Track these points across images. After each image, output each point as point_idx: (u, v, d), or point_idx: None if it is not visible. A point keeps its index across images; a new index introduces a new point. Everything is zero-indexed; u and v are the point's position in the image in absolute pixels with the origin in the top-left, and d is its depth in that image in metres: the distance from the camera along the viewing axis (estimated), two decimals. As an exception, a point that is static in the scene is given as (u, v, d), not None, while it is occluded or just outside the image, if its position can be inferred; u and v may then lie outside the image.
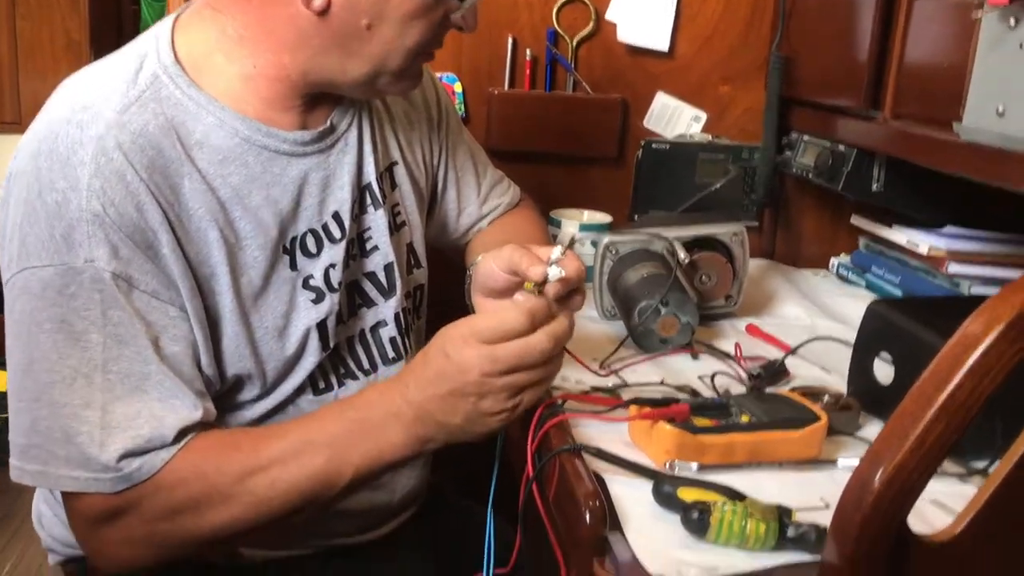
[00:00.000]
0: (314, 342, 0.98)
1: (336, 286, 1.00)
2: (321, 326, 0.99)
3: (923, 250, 1.38)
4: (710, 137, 1.61)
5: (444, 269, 1.27)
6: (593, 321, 1.29)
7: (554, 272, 0.89)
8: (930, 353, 0.95)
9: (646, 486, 0.81)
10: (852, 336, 1.25)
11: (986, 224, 1.41)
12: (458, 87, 1.56)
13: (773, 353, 1.21)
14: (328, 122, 1.00)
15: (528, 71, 1.57)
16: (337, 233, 1.01)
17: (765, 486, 0.84)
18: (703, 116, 1.62)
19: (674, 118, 1.62)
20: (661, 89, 1.62)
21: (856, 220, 1.56)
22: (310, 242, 0.99)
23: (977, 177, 1.06)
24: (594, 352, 1.16)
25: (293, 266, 0.97)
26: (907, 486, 0.60)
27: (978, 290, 1.33)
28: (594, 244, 1.41)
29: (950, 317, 1.04)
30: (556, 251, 0.92)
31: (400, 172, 1.12)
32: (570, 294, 0.93)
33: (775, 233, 1.68)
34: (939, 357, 0.61)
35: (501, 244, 1.14)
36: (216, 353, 0.93)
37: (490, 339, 0.82)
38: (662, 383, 1.06)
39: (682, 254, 1.22)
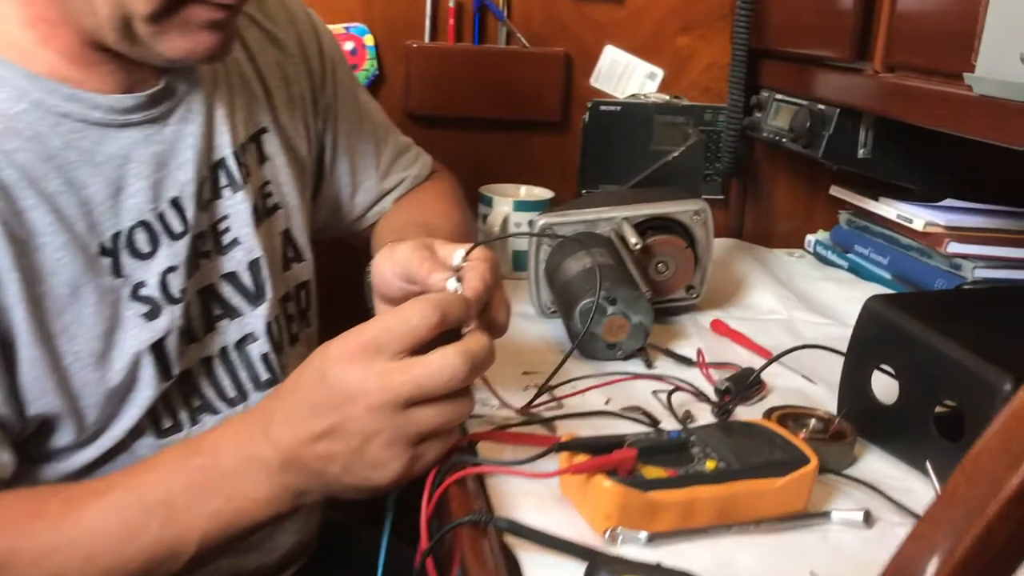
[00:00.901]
0: (148, 369, 0.75)
1: (177, 295, 0.77)
2: (158, 348, 0.75)
3: (918, 226, 1.17)
4: (667, 97, 1.39)
5: (346, 259, 1.04)
6: (528, 320, 1.07)
7: (452, 286, 0.67)
8: (947, 367, 0.74)
9: (577, 568, 0.59)
10: (840, 335, 1.05)
11: (990, 197, 1.21)
12: (369, 40, 1.31)
13: (743, 356, 1.00)
14: (162, 82, 0.76)
15: (453, 20, 1.33)
16: (177, 226, 0.77)
17: (737, 558, 0.63)
18: (659, 73, 1.40)
19: (625, 75, 1.40)
20: (610, 41, 1.39)
21: (836, 191, 1.35)
22: (140, 239, 0.75)
23: (995, 139, 0.85)
24: (528, 360, 0.94)
25: (116, 271, 0.74)
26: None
27: (982, 273, 1.12)
28: (532, 225, 1.19)
29: (969, 318, 0.84)
30: (458, 255, 0.70)
31: (271, 141, 0.89)
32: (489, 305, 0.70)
33: (743, 207, 1.47)
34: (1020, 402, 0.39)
35: (410, 229, 0.92)
36: (11, 386, 0.70)
37: (386, 345, 0.61)
38: (607, 404, 0.84)
39: (633, 239, 1.00)
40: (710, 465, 0.65)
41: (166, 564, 0.65)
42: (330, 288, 1.01)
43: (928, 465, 0.70)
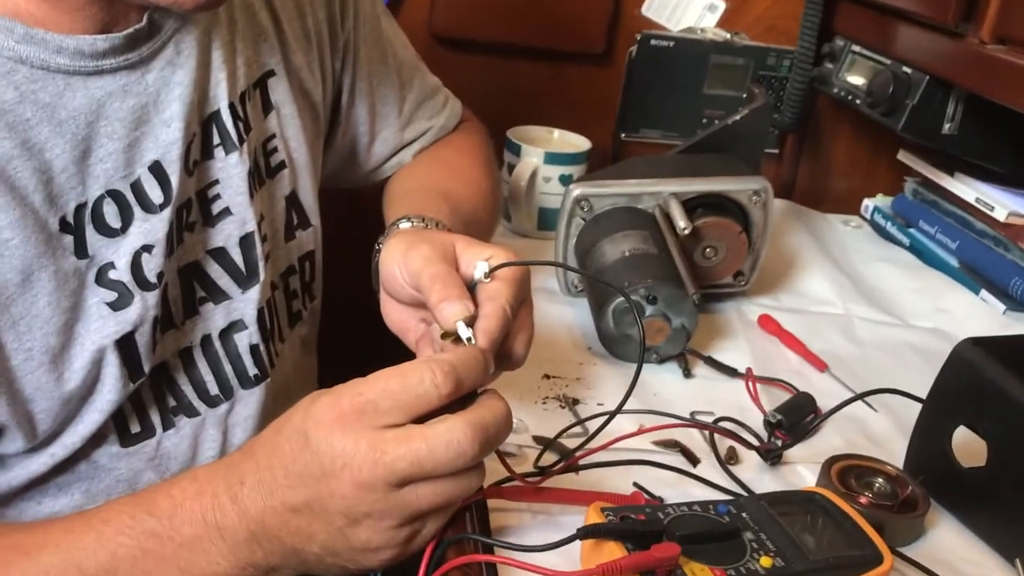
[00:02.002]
0: (112, 369, 0.64)
1: (153, 280, 0.65)
2: (125, 344, 0.64)
3: (999, 215, 1.04)
4: (728, 34, 1.22)
5: (356, 218, 0.92)
6: (551, 298, 0.95)
7: (463, 332, 0.55)
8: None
9: None
10: (900, 339, 0.94)
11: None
12: (394, -53, 1.15)
13: (793, 363, 0.89)
14: (144, 19, 0.63)
15: (490, -71, 1.16)
16: (157, 196, 0.65)
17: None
18: (720, 5, 1.23)
19: (682, 5, 1.23)
20: (668, -36, 1.22)
21: (905, 157, 1.20)
22: (109, 212, 0.63)
23: None
24: (548, 358, 0.84)
25: (80, 251, 0.62)
26: None
27: (1067, 278, 1.00)
28: (564, 180, 1.06)
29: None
30: (480, 268, 0.59)
31: (279, 87, 0.75)
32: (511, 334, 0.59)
33: (797, 162, 1.32)
34: None
35: (430, 197, 0.80)
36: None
37: (385, 412, 0.50)
38: (638, 433, 0.73)
39: (682, 222, 0.87)
40: (765, 563, 0.55)
41: None
42: (337, 254, 0.90)
43: (1018, 564, 0.60)
